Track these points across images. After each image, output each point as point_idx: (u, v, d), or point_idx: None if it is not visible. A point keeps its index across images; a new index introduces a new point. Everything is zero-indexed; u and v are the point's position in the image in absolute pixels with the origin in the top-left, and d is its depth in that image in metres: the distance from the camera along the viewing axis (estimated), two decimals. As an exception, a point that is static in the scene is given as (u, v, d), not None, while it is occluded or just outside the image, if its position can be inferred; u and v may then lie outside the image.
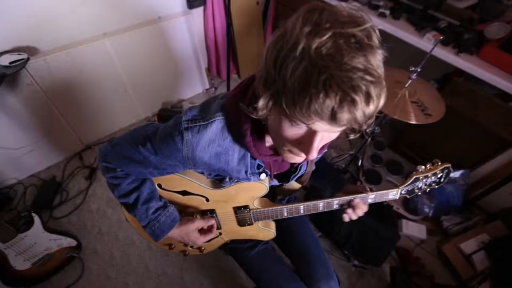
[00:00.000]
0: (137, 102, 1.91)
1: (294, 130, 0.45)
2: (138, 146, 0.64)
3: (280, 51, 0.39)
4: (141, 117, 2.01)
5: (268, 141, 0.62)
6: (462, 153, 1.58)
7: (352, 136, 0.49)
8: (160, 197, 0.75)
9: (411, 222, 1.61)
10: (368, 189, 0.77)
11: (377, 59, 0.37)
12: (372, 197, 0.81)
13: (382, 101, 0.38)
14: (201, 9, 1.87)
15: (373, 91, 0.36)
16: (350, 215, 0.77)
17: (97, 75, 1.61)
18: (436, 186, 0.88)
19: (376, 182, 1.72)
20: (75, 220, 1.53)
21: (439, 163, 0.83)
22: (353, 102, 0.35)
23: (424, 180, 0.83)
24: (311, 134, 0.45)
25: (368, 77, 0.35)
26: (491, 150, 1.49)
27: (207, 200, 0.82)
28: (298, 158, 0.53)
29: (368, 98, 0.36)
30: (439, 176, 0.84)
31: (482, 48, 1.35)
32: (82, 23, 1.45)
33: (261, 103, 0.44)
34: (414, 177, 0.81)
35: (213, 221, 0.83)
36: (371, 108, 0.37)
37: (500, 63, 1.32)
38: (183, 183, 0.79)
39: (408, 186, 0.83)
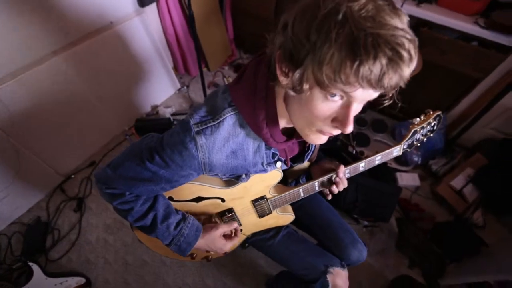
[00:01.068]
0: (109, 117, 1.78)
1: (328, 105, 0.44)
2: (145, 163, 0.59)
3: (312, 20, 0.37)
4: (117, 132, 1.88)
5: (281, 125, 0.60)
6: (437, 98, 1.68)
7: (386, 103, 0.48)
8: (177, 210, 0.72)
9: (404, 173, 1.71)
10: (340, 164, 0.79)
11: (406, 21, 0.38)
12: (378, 158, 0.84)
13: (416, 61, 0.38)
14: (154, 5, 1.73)
15: (413, 50, 0.36)
16: (333, 191, 0.78)
17: (58, 98, 1.46)
18: (431, 135, 0.93)
19: (366, 143, 1.79)
20: (75, 257, 1.42)
21: (431, 112, 0.87)
22: (401, 59, 0.35)
23: (421, 131, 0.87)
24: (346, 106, 0.43)
25: (408, 36, 0.35)
26: (462, 90, 1.59)
27: (223, 200, 0.80)
28: (324, 137, 0.52)
29: (410, 56, 0.36)
30: (432, 124, 0.88)
31: (439, -5, 1.41)
32: (24, 46, 1.28)
33: (292, 83, 0.42)
34: (413, 130, 0.84)
35: (235, 225, 0.81)
36: (411, 67, 0.37)
37: (456, 7, 1.39)
38: (196, 190, 0.76)
39: (409, 140, 0.87)
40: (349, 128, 0.44)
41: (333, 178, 0.78)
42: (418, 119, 0.87)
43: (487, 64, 1.41)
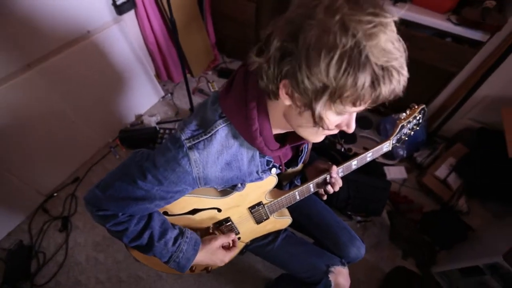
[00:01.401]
0: (91, 130, 1.71)
1: (339, 119, 0.47)
2: (136, 182, 0.57)
3: (330, 58, 0.37)
4: (101, 145, 1.81)
5: (274, 132, 0.60)
6: (417, 93, 1.75)
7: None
8: (173, 225, 0.69)
9: (391, 167, 1.76)
10: (332, 164, 0.80)
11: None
12: (369, 155, 0.86)
13: None
14: (132, 12, 1.69)
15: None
16: (329, 191, 0.79)
17: (34, 114, 1.38)
18: (418, 128, 0.96)
19: (353, 140, 1.83)
20: (64, 280, 1.35)
21: (416, 106, 0.89)
22: (403, 77, 0.40)
23: (408, 125, 0.90)
24: (350, 114, 0.47)
25: (404, 57, 0.40)
26: (440, 84, 1.67)
27: (219, 210, 0.78)
28: (323, 136, 0.55)
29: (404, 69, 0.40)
30: (418, 118, 0.91)
31: (413, -6, 1.47)
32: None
33: (317, 111, 0.44)
34: (400, 125, 0.87)
35: (233, 235, 0.80)
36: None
37: (430, 5, 1.45)
38: (191, 202, 0.74)
39: (397, 135, 0.90)
40: (353, 129, 0.50)
41: (327, 178, 0.78)
42: (404, 114, 0.89)
43: (461, 58, 1.48)
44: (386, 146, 0.89)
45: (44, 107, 1.41)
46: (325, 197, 0.82)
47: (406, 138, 0.95)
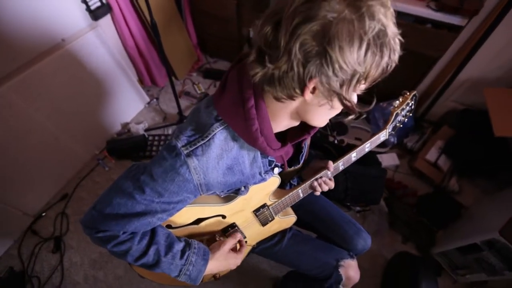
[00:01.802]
0: (76, 144, 1.63)
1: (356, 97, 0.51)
2: (135, 196, 0.54)
3: (362, 42, 0.39)
4: (87, 158, 1.73)
5: (274, 131, 0.58)
6: (403, 80, 1.78)
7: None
8: (178, 237, 0.67)
9: (384, 154, 1.80)
10: (330, 162, 0.79)
11: None
12: (368, 145, 0.87)
13: None
14: (108, 17, 1.61)
15: None
16: (316, 189, 0.79)
17: (14, 134, 1.30)
18: (410, 114, 0.97)
19: (344, 132, 1.84)
20: (63, 302, 1.29)
21: (408, 93, 0.91)
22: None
23: (401, 112, 0.91)
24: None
25: None
26: (424, 69, 1.70)
27: (224, 217, 0.76)
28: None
29: None
30: (410, 104, 0.93)
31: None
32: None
33: (325, 99, 0.46)
34: (395, 113, 0.88)
35: (239, 235, 0.78)
36: None
37: (409, -8, 1.47)
38: (194, 212, 0.72)
39: (392, 124, 0.91)
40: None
41: (322, 177, 0.78)
42: (397, 101, 0.90)
43: (442, 43, 1.52)
44: (383, 135, 0.91)
45: (21, 125, 1.33)
46: (318, 193, 0.80)
47: (401, 126, 0.96)
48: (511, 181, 1.44)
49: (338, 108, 0.50)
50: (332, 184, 0.79)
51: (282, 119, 0.55)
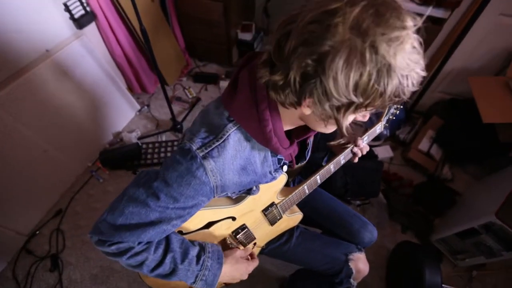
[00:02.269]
0: (66, 157, 1.57)
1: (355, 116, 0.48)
2: (149, 204, 0.53)
3: (360, 76, 0.37)
4: (80, 171, 1.68)
5: (285, 127, 0.59)
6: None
7: None
8: (192, 242, 0.66)
9: (378, 147, 1.83)
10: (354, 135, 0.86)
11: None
12: (365, 138, 0.89)
13: None
14: (93, 25, 1.57)
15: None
16: (358, 154, 0.87)
17: (0, 151, 1.24)
18: (401, 106, 1.01)
19: (338, 128, 1.87)
20: (65, 322, 1.24)
21: None
22: (421, 76, 0.40)
23: (394, 105, 0.94)
24: None
25: (421, 55, 0.39)
26: (411, 63, 1.75)
27: (234, 219, 0.76)
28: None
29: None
30: None
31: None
32: None
33: (345, 122, 0.44)
34: (388, 106, 0.91)
35: (250, 249, 0.80)
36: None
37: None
38: (205, 216, 0.71)
39: (387, 116, 0.94)
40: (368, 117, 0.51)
41: (352, 149, 0.85)
42: None
43: (427, 36, 1.56)
44: (379, 128, 0.94)
45: (8, 140, 1.27)
46: (356, 160, 0.89)
47: (394, 118, 0.99)
48: (498, 166, 1.49)
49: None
50: (367, 147, 0.87)
51: (288, 120, 0.56)
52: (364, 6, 0.35)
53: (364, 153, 0.87)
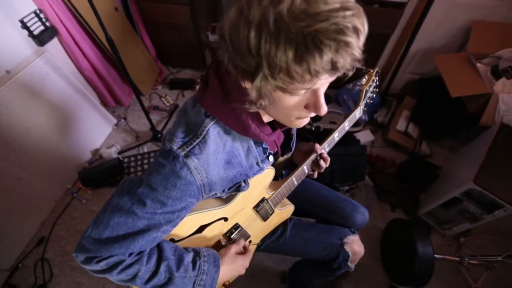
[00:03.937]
0: (43, 182, 1.49)
1: (297, 99, 0.45)
2: (135, 212, 0.51)
3: (247, 33, 0.35)
4: (59, 195, 1.59)
5: (264, 119, 0.59)
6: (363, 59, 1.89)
7: (351, 73, 0.49)
8: (185, 248, 0.64)
9: (358, 133, 1.88)
10: (314, 143, 0.82)
11: None
12: (347, 124, 0.91)
13: (366, 27, 0.37)
14: (56, 41, 1.50)
15: (358, 23, 0.34)
16: (322, 167, 0.82)
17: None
18: (377, 90, 1.04)
19: (318, 118, 1.90)
20: None
21: (371, 70, 0.97)
22: (348, 45, 0.34)
23: (370, 89, 0.97)
24: (314, 92, 0.44)
25: (348, 13, 0.33)
26: (379, 47, 1.82)
27: (226, 219, 0.75)
28: (306, 119, 0.54)
29: (357, 32, 0.34)
30: (375, 80, 0.99)
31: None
32: None
33: (254, 94, 0.41)
34: (364, 90, 0.94)
35: (243, 242, 0.78)
36: (362, 39, 0.36)
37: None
38: (196, 220, 0.69)
39: (364, 100, 0.96)
40: (324, 110, 0.46)
41: (317, 157, 0.80)
42: (364, 79, 0.96)
43: (391, 20, 1.63)
44: (359, 112, 0.96)
45: (-23, 170, 1.19)
46: (315, 175, 0.84)
47: (371, 101, 1.02)
48: (471, 136, 1.58)
49: (278, 101, 0.45)
50: (328, 160, 0.81)
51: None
52: None
53: (327, 164, 0.81)
